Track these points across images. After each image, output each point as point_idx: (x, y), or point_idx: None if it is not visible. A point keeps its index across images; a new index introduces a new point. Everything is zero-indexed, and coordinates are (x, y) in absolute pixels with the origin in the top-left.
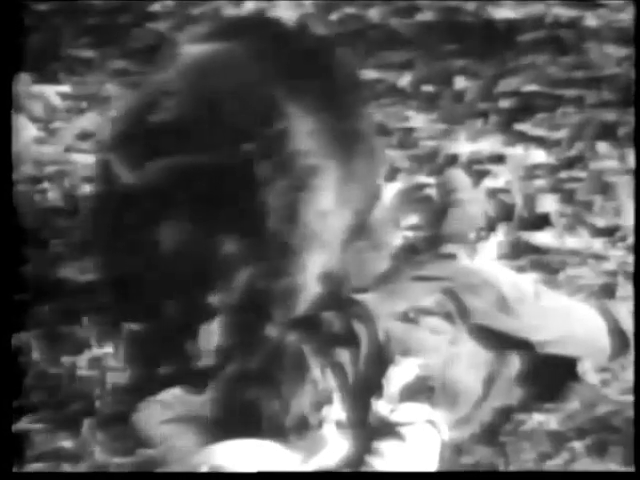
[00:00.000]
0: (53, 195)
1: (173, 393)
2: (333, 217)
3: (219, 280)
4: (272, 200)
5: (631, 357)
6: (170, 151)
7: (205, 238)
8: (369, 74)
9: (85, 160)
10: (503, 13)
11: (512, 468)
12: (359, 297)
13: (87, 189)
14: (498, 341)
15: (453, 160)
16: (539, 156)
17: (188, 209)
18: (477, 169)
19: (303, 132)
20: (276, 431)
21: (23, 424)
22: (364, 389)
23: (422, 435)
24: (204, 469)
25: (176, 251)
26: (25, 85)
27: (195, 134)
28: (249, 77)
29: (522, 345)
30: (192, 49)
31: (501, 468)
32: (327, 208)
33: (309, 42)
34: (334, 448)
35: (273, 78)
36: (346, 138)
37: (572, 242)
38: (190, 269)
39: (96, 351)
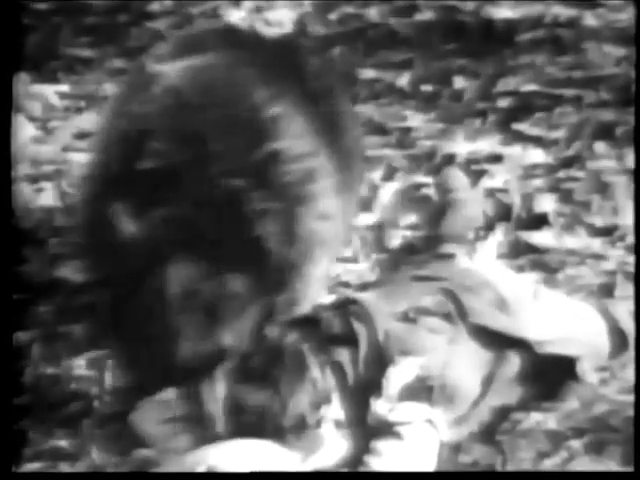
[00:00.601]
0: (51, 194)
1: (171, 393)
2: (336, 217)
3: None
4: (270, 227)
5: (631, 356)
6: (164, 197)
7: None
8: (368, 73)
9: (83, 159)
10: (502, 13)
11: (510, 467)
12: (359, 297)
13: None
14: (497, 341)
15: (451, 160)
16: (537, 156)
17: (188, 253)
18: (475, 169)
19: (295, 134)
20: (275, 430)
21: (22, 424)
22: (363, 388)
23: (421, 434)
24: (201, 469)
25: (182, 297)
26: (24, 84)
27: (186, 176)
28: (229, 92)
29: (521, 345)
30: (162, 70)
31: (499, 467)
32: (329, 210)
33: (275, 46)
34: (333, 447)
35: (251, 85)
36: (332, 132)
37: (571, 242)
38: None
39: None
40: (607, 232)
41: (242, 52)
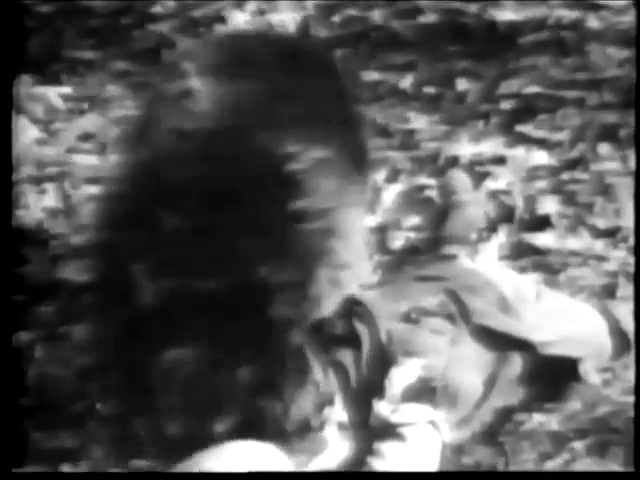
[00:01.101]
0: (54, 196)
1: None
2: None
3: None
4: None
5: (632, 357)
6: (185, 263)
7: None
8: (371, 75)
9: (86, 161)
10: (505, 15)
11: (512, 468)
12: (361, 297)
13: (89, 190)
14: (499, 342)
15: (454, 161)
16: (540, 157)
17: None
18: (478, 170)
19: (325, 186)
20: (278, 434)
21: (23, 424)
22: (366, 390)
23: (423, 436)
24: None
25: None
26: (26, 86)
27: (209, 243)
28: (262, 141)
29: (523, 345)
30: (199, 89)
31: (501, 468)
32: (345, 259)
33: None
34: (335, 449)
35: (290, 126)
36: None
37: (573, 243)
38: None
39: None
40: (610, 233)
41: (288, 75)
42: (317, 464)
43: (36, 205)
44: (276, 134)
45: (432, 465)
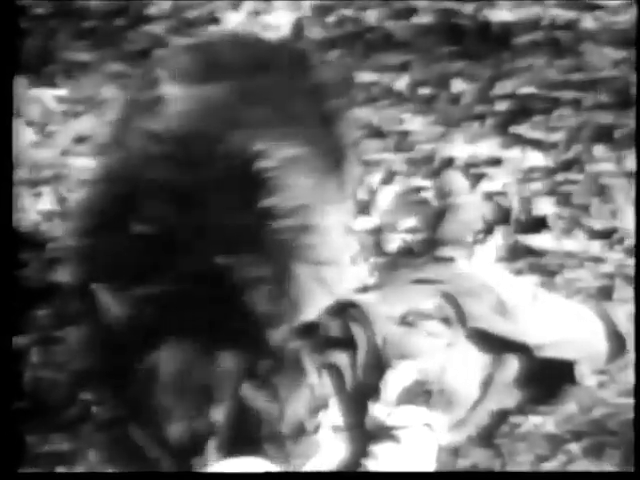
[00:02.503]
0: (49, 199)
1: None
2: (334, 258)
3: None
4: (261, 293)
5: (630, 359)
6: (152, 270)
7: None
8: (365, 76)
9: (82, 164)
10: (500, 15)
11: (508, 470)
12: (357, 299)
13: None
14: (495, 344)
15: (450, 163)
16: (536, 159)
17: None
18: (474, 172)
19: (297, 183)
20: (272, 437)
21: (20, 428)
22: (361, 392)
23: (419, 438)
24: None
25: (173, 379)
26: (22, 88)
27: (178, 246)
28: (234, 142)
29: (519, 348)
30: (173, 94)
31: (497, 470)
32: (324, 257)
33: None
34: (330, 452)
35: (262, 126)
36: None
37: (569, 245)
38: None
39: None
40: (606, 235)
41: (260, 75)
42: (311, 467)
43: (32, 208)
44: (247, 133)
45: (428, 467)
